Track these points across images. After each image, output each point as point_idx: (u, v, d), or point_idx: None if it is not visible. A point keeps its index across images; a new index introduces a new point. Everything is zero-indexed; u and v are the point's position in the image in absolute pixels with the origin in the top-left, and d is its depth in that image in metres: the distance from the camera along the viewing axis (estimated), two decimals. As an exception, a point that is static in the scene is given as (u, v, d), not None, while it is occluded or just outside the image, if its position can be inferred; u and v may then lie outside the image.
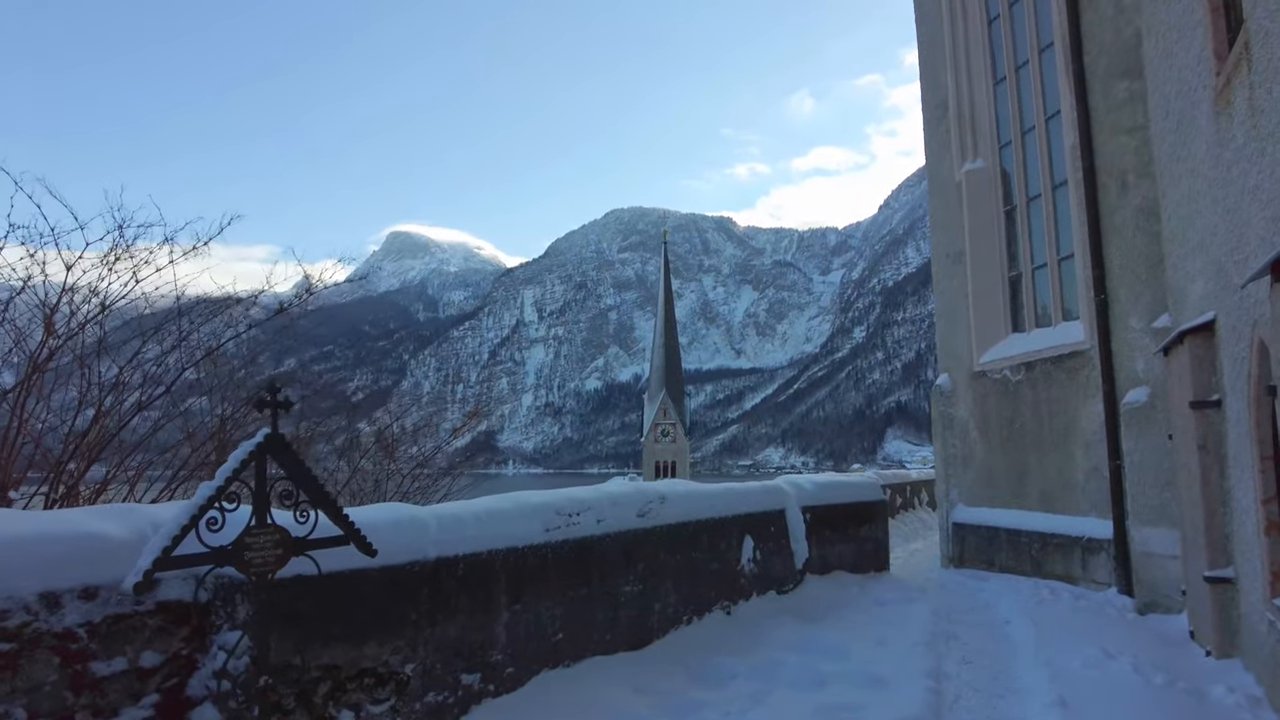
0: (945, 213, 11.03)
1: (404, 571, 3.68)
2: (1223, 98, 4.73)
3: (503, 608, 4.23)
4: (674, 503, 5.89)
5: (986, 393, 10.06)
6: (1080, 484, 8.49)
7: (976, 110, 10.64)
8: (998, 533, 9.59)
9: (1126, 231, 7.72)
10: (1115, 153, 7.90)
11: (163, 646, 3.06)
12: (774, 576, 7.22)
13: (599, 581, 5.01)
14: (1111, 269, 7.88)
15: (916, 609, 7.40)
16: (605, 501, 5.19)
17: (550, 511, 4.64)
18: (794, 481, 8.22)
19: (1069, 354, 8.67)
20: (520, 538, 4.37)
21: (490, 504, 4.39)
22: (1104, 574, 7.96)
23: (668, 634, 5.64)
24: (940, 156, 11.24)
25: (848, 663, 5.48)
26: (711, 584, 6.30)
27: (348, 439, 9.34)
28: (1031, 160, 9.85)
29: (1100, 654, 5.31)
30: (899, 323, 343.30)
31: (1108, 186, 7.96)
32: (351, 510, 3.62)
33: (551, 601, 4.59)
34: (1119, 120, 7.85)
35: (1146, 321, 7.44)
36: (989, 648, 6.22)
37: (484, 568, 4.12)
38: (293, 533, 2.91)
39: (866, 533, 8.96)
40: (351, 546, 3.15)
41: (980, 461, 10.17)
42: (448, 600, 3.91)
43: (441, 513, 3.97)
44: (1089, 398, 8.33)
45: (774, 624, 6.45)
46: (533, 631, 4.43)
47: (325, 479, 6.35)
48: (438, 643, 3.85)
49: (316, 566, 3.01)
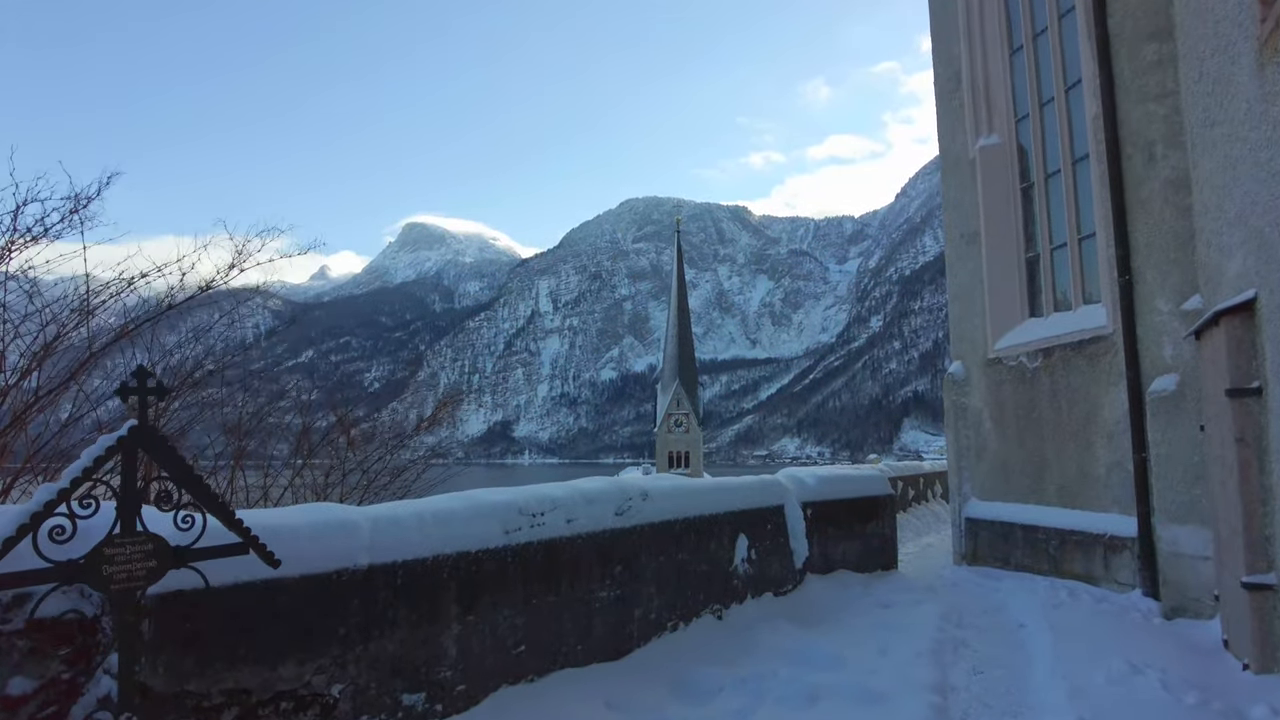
0: (959, 191, 10.46)
1: (329, 581, 3.25)
2: (1270, 45, 4.18)
3: (452, 619, 3.80)
4: (657, 500, 5.43)
5: (1002, 381, 9.51)
6: (1102, 478, 7.95)
7: (991, 82, 10.04)
8: (1013, 528, 9.07)
9: (1154, 206, 7.15)
10: (1142, 122, 7.31)
11: (37, 671, 2.65)
12: (771, 577, 6.75)
13: (569, 587, 4.57)
14: (1137, 247, 7.31)
15: (924, 611, 6.91)
16: (578, 499, 4.75)
17: (511, 511, 4.20)
18: (794, 475, 7.74)
19: (1090, 339, 8.11)
20: (474, 541, 3.93)
21: (438, 504, 3.95)
22: (1127, 574, 7.43)
23: (649, 642, 5.20)
24: (953, 132, 10.65)
25: (844, 674, 5.01)
26: (700, 587, 5.84)
27: (360, 431, 9.04)
28: (1050, 134, 9.25)
29: (1126, 667, 4.80)
30: (916, 312, 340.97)
31: (1133, 159, 7.38)
32: (267, 512, 3.20)
33: (512, 610, 4.15)
34: (1146, 86, 7.26)
35: (1175, 303, 6.87)
36: (1002, 656, 5.72)
37: (429, 575, 3.69)
38: (172, 541, 2.48)
39: (873, 529, 8.47)
40: (254, 555, 2.72)
41: (995, 453, 9.63)
42: (384, 612, 3.49)
43: (377, 515, 3.53)
44: (1111, 386, 7.78)
45: (768, 629, 5.99)
46: (489, 644, 4.00)
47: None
48: (372, 660, 3.42)
49: (203, 580, 2.58)
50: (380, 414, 14.43)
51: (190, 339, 5.69)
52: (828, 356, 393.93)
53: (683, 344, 64.95)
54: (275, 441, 6.05)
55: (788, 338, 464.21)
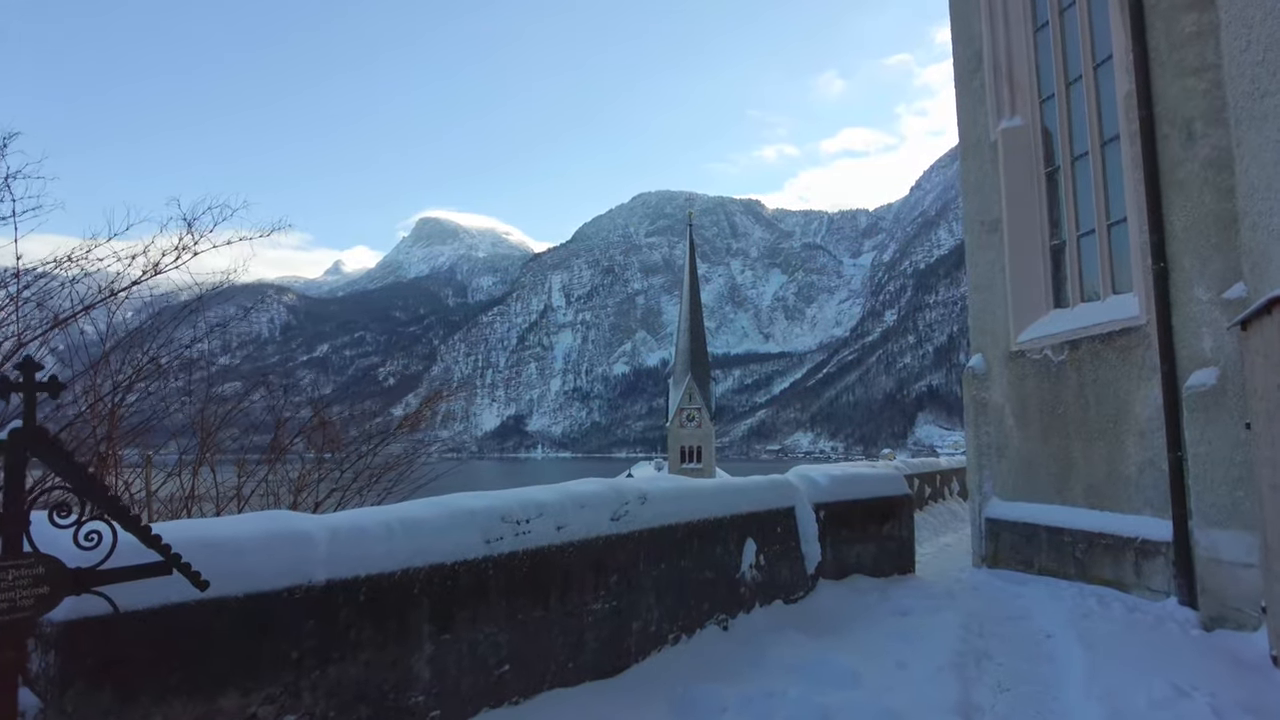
0: (979, 177, 9.98)
1: (279, 599, 2.90)
2: (1337, -1, 3.73)
3: (425, 638, 3.44)
4: (657, 503, 5.05)
5: (1025, 375, 9.05)
6: (1133, 478, 7.49)
7: (1014, 61, 9.55)
8: (1037, 530, 8.62)
9: (1192, 188, 6.68)
10: (1179, 98, 6.83)
11: (-66, 707, 2.31)
12: (780, 584, 6.36)
13: (559, 600, 4.20)
14: (1173, 232, 6.85)
15: (943, 619, 6.50)
16: (569, 504, 4.37)
17: (493, 518, 3.83)
18: (805, 475, 7.34)
19: (1120, 331, 7.65)
20: (450, 552, 3.57)
21: (410, 511, 3.58)
22: (1161, 581, 6.98)
23: (649, 656, 4.82)
24: (973, 115, 10.17)
25: (859, 692, 4.62)
26: (704, 595, 5.46)
27: (375, 425, 8.78)
28: (1078, 114, 8.76)
29: (1170, 689, 4.37)
30: (931, 305, 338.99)
31: (1170, 137, 6.91)
32: (207, 523, 2.85)
33: (494, 627, 3.78)
34: (1184, 60, 6.79)
35: (1216, 292, 6.41)
36: (1029, 671, 5.30)
37: (398, 590, 3.33)
38: (71, 562, 2.12)
39: (889, 531, 8.05)
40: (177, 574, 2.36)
41: (1017, 451, 9.18)
42: (345, 633, 3.13)
43: (337, 524, 3.17)
44: (1144, 380, 7.32)
45: (777, 640, 5.60)
46: (467, 664, 3.63)
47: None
48: (332, 686, 3.06)
49: (111, 605, 2.22)
50: (394, 408, 14.30)
51: (207, 331, 5.50)
52: (841, 351, 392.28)
53: (694, 338, 64.56)
54: (252, 436, 5.73)
55: (801, 332, 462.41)
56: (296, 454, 5.76)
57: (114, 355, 4.62)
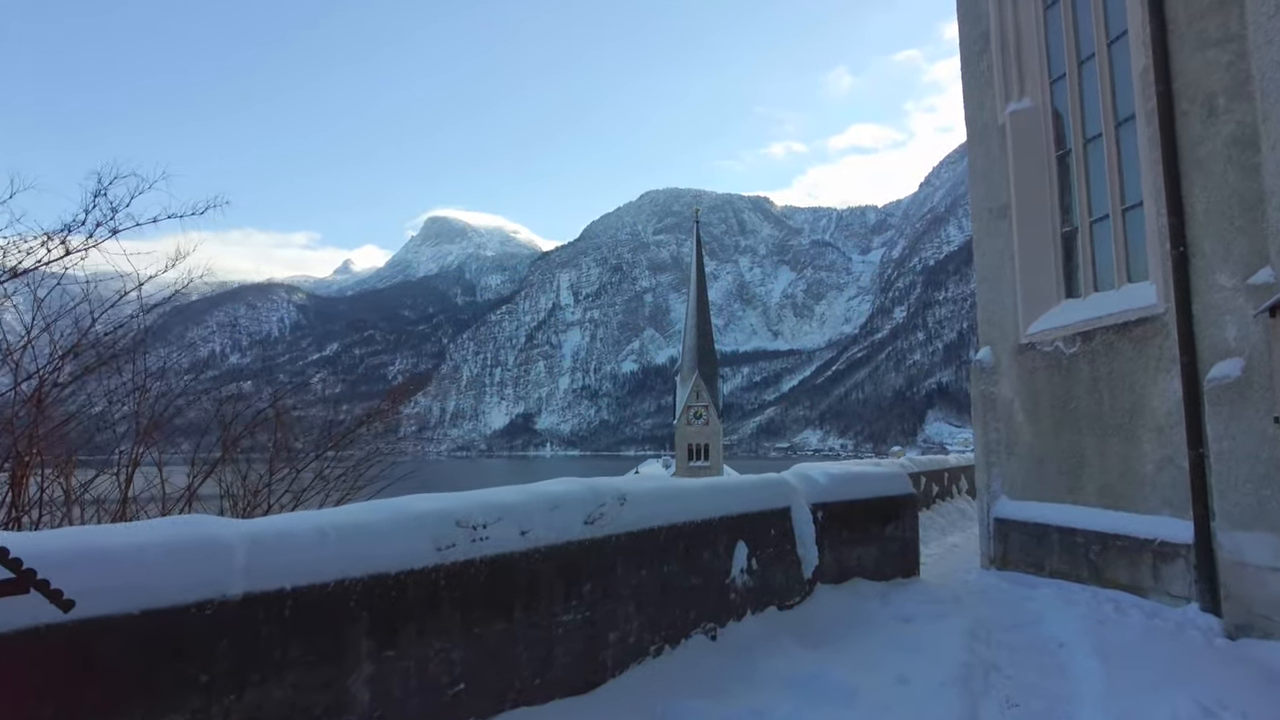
0: (986, 162, 9.57)
1: (186, 616, 2.55)
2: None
3: (364, 656, 3.09)
4: (638, 504, 4.69)
5: (1035, 368, 8.64)
6: (1150, 476, 7.08)
7: (1023, 40, 9.13)
8: (1048, 531, 8.22)
9: (1215, 167, 6.26)
10: (1200, 72, 6.42)
11: None
12: (774, 589, 5.99)
13: (524, 611, 3.84)
14: (1194, 215, 6.43)
15: (949, 626, 6.11)
16: (537, 506, 4.02)
17: (445, 523, 3.47)
18: (803, 474, 6.97)
19: (1137, 321, 7.23)
20: (394, 560, 3.22)
21: (348, 516, 3.23)
22: (1181, 585, 6.58)
23: (627, 670, 4.46)
24: (980, 99, 9.75)
25: (855, 711, 4.26)
26: (690, 603, 5.10)
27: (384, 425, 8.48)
28: (1090, 94, 8.34)
29: (1195, 708, 3.99)
30: (940, 302, 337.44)
31: (1190, 114, 6.49)
32: (104, 530, 2.52)
33: (447, 642, 3.43)
34: (1205, 31, 6.37)
35: (1240, 278, 5.99)
36: (1041, 685, 4.92)
37: (331, 603, 2.98)
38: (-105, 582, 1.79)
39: (892, 532, 7.66)
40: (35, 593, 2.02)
41: (1027, 448, 8.77)
42: (268, 652, 2.78)
43: (259, 531, 2.82)
44: (1162, 373, 6.91)
45: (769, 650, 5.23)
46: (415, 685, 3.29)
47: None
48: (250, 713, 2.72)
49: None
50: (404, 406, 14.08)
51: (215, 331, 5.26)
52: (851, 348, 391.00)
53: (701, 335, 64.15)
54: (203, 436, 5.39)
55: (810, 329, 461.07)
56: (245, 455, 5.42)
57: (41, 344, 4.29)
